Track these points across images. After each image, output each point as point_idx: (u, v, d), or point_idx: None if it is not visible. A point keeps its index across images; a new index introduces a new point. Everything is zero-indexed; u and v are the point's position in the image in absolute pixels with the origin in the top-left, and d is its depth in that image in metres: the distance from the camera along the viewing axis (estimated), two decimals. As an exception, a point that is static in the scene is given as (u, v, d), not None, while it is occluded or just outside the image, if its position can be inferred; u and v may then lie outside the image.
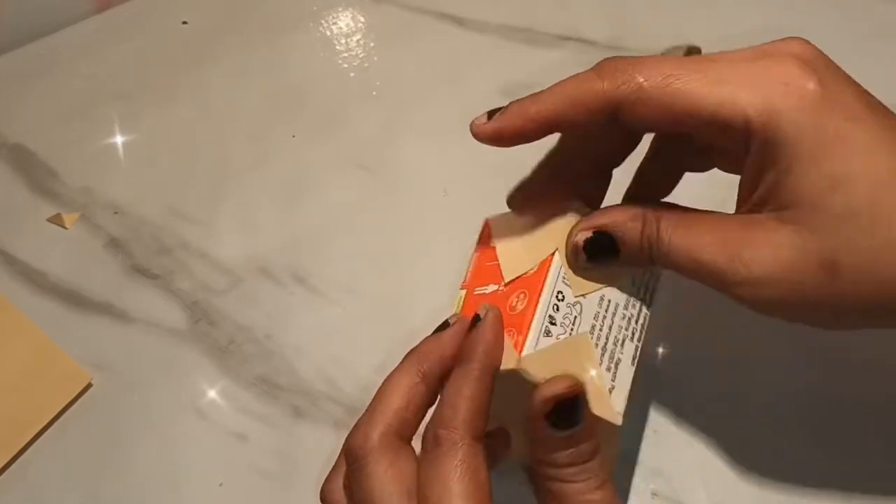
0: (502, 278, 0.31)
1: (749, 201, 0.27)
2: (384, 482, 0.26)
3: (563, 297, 0.29)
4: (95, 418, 0.40)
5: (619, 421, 0.28)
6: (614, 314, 0.30)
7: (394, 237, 0.45)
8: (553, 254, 0.30)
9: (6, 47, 0.56)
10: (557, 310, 0.29)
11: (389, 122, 0.50)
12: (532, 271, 0.30)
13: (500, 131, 0.30)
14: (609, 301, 0.30)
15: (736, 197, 0.28)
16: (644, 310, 0.31)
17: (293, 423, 0.39)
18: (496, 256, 0.32)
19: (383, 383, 0.29)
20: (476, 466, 0.25)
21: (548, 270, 0.29)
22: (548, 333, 0.28)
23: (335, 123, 0.51)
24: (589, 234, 0.29)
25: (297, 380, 0.41)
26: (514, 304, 0.29)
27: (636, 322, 0.30)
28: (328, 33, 0.55)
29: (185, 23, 0.57)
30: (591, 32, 0.52)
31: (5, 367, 0.41)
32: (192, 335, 0.43)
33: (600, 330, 0.29)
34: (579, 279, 0.29)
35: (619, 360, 0.29)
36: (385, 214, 0.46)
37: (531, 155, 0.48)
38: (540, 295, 0.29)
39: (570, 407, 0.26)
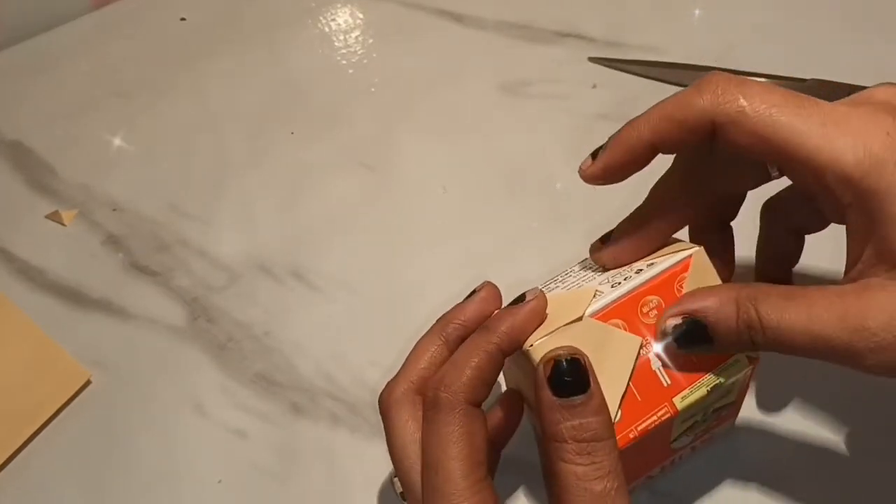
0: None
1: (860, 260, 0.26)
2: (404, 431, 0.28)
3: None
4: (94, 415, 0.40)
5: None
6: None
7: (392, 234, 0.45)
8: None
9: (4, 44, 0.56)
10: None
11: (388, 119, 0.50)
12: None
13: (607, 168, 0.29)
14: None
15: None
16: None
17: (292, 420, 0.39)
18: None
19: (414, 345, 0.30)
20: (472, 430, 0.26)
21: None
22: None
23: (334, 120, 0.51)
24: (678, 320, 0.27)
25: (296, 376, 0.41)
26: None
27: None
28: (327, 30, 0.55)
29: (183, 19, 0.57)
30: (590, 28, 0.52)
31: (4, 364, 0.41)
32: (191, 332, 0.43)
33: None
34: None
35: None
36: (383, 211, 0.46)
37: (532, 155, 0.48)
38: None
39: (571, 372, 0.26)
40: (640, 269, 0.30)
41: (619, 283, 0.29)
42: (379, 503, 0.37)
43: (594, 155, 0.30)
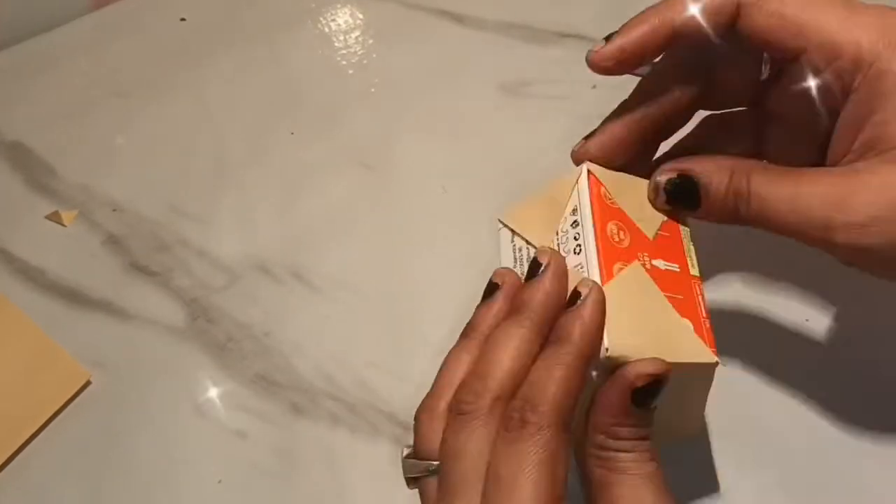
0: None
1: (850, 149, 0.26)
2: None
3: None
4: (94, 416, 0.40)
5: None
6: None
7: (392, 234, 0.45)
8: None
9: (4, 44, 0.56)
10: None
11: (388, 119, 0.50)
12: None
13: (622, 49, 0.28)
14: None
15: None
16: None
17: (292, 420, 0.39)
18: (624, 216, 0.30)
19: (445, 357, 0.28)
20: (558, 457, 0.23)
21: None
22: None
23: (334, 120, 0.50)
24: (673, 175, 0.28)
25: (296, 377, 0.41)
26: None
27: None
28: (326, 30, 0.55)
29: (183, 20, 0.57)
30: (590, 29, 0.52)
31: (4, 364, 0.41)
32: (190, 332, 0.43)
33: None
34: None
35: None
36: (383, 211, 0.46)
37: (532, 156, 0.48)
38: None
39: (654, 386, 0.25)
40: (574, 221, 0.29)
41: (577, 241, 0.29)
42: (379, 503, 0.36)
43: (607, 38, 0.29)
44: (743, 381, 0.36)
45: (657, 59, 0.30)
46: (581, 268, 0.28)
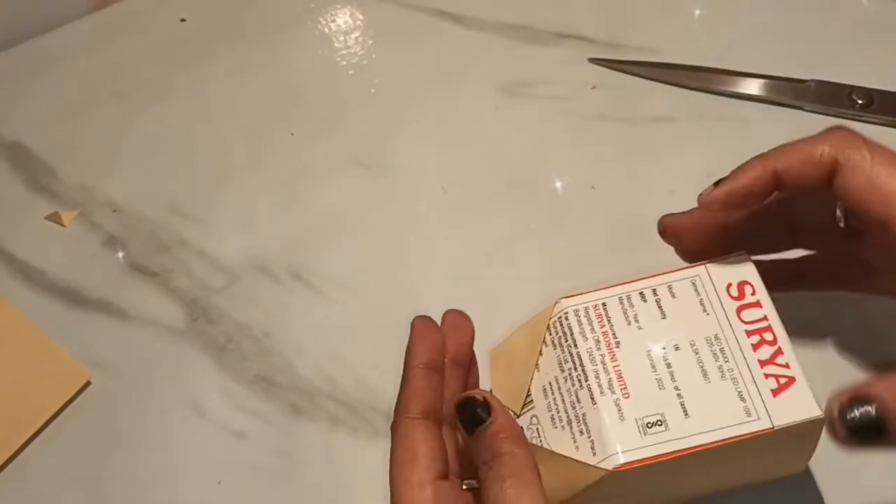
0: None
1: None
2: None
3: (522, 429, 0.31)
4: (93, 416, 0.40)
5: (609, 467, 0.27)
6: (558, 387, 0.30)
7: (392, 235, 0.45)
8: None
9: (4, 45, 0.56)
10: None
11: (388, 120, 0.50)
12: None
13: (730, 194, 0.30)
14: (548, 384, 0.31)
15: None
16: (574, 350, 0.30)
17: (292, 421, 0.39)
18: None
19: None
20: (413, 436, 0.29)
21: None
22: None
23: (333, 121, 0.50)
24: (845, 401, 0.25)
25: (296, 377, 0.41)
26: None
27: (576, 369, 0.30)
28: (326, 31, 0.55)
29: (183, 20, 0.57)
30: (590, 29, 0.52)
31: (3, 365, 0.41)
32: (190, 333, 0.43)
33: (556, 412, 0.30)
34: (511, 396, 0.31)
35: (583, 414, 0.29)
36: (383, 212, 0.46)
37: (531, 156, 0.48)
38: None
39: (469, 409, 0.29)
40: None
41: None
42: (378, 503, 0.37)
43: (717, 183, 0.31)
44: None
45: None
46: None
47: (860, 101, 0.46)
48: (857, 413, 0.25)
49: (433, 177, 0.47)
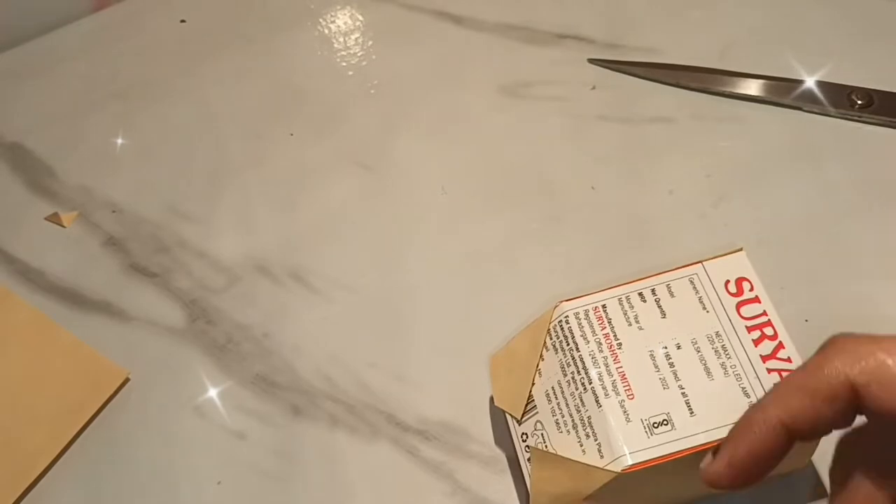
0: None
1: None
2: None
3: (526, 435, 0.31)
4: (93, 417, 0.40)
5: (617, 469, 0.27)
6: (561, 391, 0.30)
7: (392, 235, 0.45)
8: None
9: (4, 46, 0.56)
10: (528, 449, 0.31)
11: (387, 121, 0.50)
12: None
13: (733, 463, 0.24)
14: (551, 389, 0.31)
15: None
16: (576, 353, 0.30)
17: (291, 422, 0.39)
18: None
19: None
20: None
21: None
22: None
23: (333, 122, 0.51)
24: None
25: (296, 378, 0.41)
26: None
27: (580, 372, 0.30)
28: (326, 32, 0.55)
29: (183, 21, 0.57)
30: (590, 30, 0.52)
31: (41, 369, 0.41)
32: (190, 334, 0.43)
33: (561, 416, 0.30)
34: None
35: (588, 417, 0.29)
36: (383, 212, 0.46)
37: (531, 157, 0.48)
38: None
39: None
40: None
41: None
42: (378, 504, 0.37)
43: (714, 451, 0.25)
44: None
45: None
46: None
47: (860, 102, 0.46)
48: None
49: (433, 177, 0.47)
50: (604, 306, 0.31)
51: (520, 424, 0.32)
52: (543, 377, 0.31)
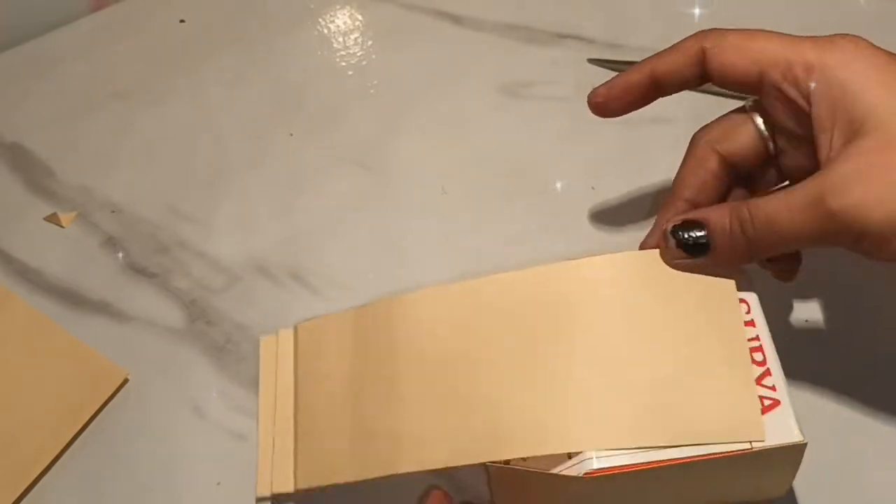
0: None
1: (831, 150, 0.28)
2: None
3: None
4: (92, 417, 0.40)
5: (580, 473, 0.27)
6: None
7: (392, 236, 0.45)
8: None
9: (3, 46, 0.56)
10: None
11: (387, 120, 0.50)
12: None
13: (609, 95, 0.33)
14: None
15: None
16: None
17: (291, 422, 0.39)
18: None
19: None
20: None
21: None
22: None
23: (333, 122, 0.50)
24: (678, 221, 0.30)
25: (295, 378, 0.41)
26: None
27: None
28: (326, 32, 0.55)
29: (182, 21, 0.57)
30: (590, 30, 0.52)
31: (38, 369, 0.41)
32: (189, 334, 0.42)
33: None
34: None
35: None
36: (383, 213, 0.46)
37: (531, 157, 0.48)
38: None
39: None
40: None
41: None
42: (378, 505, 0.36)
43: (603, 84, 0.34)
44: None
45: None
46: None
47: (860, 101, 0.46)
48: (688, 235, 0.29)
49: (433, 177, 0.47)
50: None
51: None
52: None
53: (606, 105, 0.34)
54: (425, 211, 0.46)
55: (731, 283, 0.30)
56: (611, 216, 0.45)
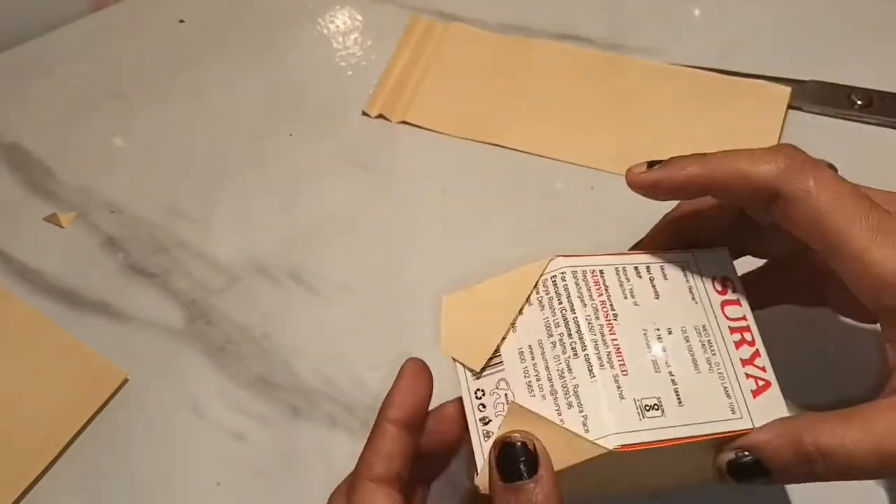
0: None
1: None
2: None
3: (482, 392, 0.28)
4: (91, 418, 0.40)
5: (610, 446, 0.25)
6: (542, 351, 0.28)
7: (392, 236, 0.45)
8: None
9: (2, 46, 0.56)
10: (484, 407, 0.28)
11: (387, 121, 0.50)
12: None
13: (657, 183, 0.29)
14: (528, 347, 0.28)
15: None
16: (570, 314, 0.28)
17: (291, 423, 0.39)
18: None
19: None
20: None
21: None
22: (487, 436, 0.28)
23: (333, 122, 0.50)
24: (732, 455, 0.27)
25: (295, 379, 0.41)
26: None
27: (571, 335, 0.28)
28: (325, 32, 0.55)
29: (181, 21, 0.57)
30: (589, 30, 0.52)
31: (38, 369, 0.41)
32: (189, 334, 0.42)
33: (536, 379, 0.27)
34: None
35: (575, 386, 0.27)
36: (383, 213, 0.46)
37: (531, 157, 0.48)
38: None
39: (520, 456, 0.25)
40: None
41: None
42: (378, 506, 0.36)
43: (650, 164, 0.30)
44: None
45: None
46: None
47: (859, 102, 0.46)
48: (743, 460, 0.26)
49: (433, 178, 0.47)
50: (601, 272, 0.29)
51: (476, 379, 0.29)
52: (519, 332, 0.28)
53: (647, 194, 0.30)
54: (425, 211, 0.46)
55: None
56: (611, 216, 0.45)
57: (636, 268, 0.29)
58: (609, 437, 0.25)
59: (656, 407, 0.26)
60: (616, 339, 0.27)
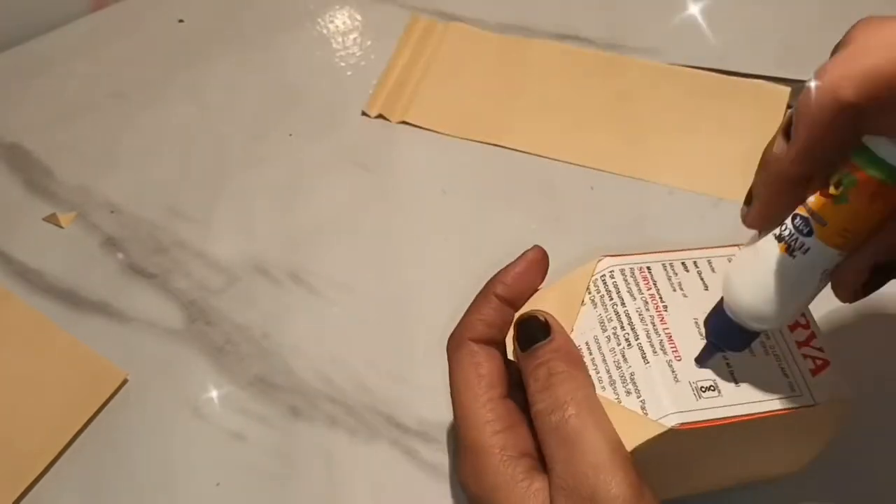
0: None
1: None
2: (457, 371, 0.31)
3: None
4: (91, 418, 0.40)
5: (669, 424, 0.26)
6: (598, 346, 0.29)
7: (391, 236, 0.45)
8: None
9: (2, 46, 0.56)
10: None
11: (387, 121, 0.50)
12: None
13: (764, 216, 0.26)
14: (584, 345, 0.30)
15: None
16: (621, 308, 0.30)
17: (290, 423, 0.39)
18: None
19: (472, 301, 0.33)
20: (476, 361, 0.30)
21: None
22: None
23: (332, 122, 0.50)
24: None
25: (295, 379, 0.41)
26: None
27: (624, 328, 0.29)
28: (325, 32, 0.55)
29: (181, 21, 0.57)
30: (589, 30, 0.52)
31: (38, 369, 0.41)
32: (189, 334, 0.42)
33: (595, 373, 0.29)
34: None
35: (631, 373, 0.28)
36: (382, 213, 0.46)
37: (531, 157, 0.48)
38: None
39: (533, 326, 0.29)
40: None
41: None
42: (377, 506, 0.36)
43: (748, 201, 0.26)
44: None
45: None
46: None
47: (860, 102, 0.46)
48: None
49: (432, 178, 0.47)
50: (648, 268, 0.30)
51: None
52: (576, 333, 0.30)
53: (765, 223, 0.26)
54: (425, 211, 0.46)
55: None
56: (611, 216, 0.45)
57: (683, 263, 0.31)
58: (669, 416, 0.27)
59: (712, 388, 0.28)
60: (668, 328, 0.29)
